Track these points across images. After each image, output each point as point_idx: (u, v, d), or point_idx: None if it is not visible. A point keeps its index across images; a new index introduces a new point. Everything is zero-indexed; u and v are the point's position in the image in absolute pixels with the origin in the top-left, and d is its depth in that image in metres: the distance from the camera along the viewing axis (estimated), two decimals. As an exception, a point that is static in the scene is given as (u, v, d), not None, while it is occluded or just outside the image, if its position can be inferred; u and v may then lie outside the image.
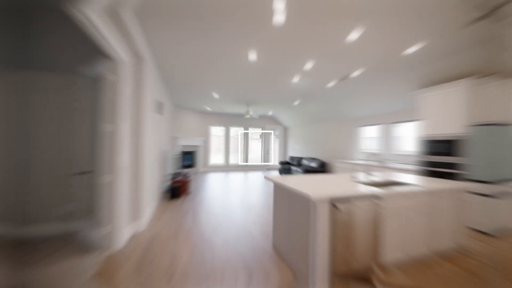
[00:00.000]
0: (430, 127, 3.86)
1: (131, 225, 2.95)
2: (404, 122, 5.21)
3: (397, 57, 3.44)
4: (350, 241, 2.03)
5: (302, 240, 2.07)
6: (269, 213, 3.93)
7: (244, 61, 3.76)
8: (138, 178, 3.05)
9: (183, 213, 3.86)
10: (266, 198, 5.00)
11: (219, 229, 3.19)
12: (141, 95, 3.07)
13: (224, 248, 2.61)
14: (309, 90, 5.56)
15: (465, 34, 2.72)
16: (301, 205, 2.09)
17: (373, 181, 2.67)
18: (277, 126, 10.84)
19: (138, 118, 3.05)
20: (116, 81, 2.54)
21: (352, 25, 2.60)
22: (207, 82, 5.14)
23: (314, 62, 3.74)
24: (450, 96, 3.58)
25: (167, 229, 3.15)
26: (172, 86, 5.57)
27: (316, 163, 7.45)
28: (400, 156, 5.35)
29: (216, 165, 9.84)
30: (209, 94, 6.22)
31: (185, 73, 4.49)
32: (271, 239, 2.87)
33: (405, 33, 2.75)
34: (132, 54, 2.91)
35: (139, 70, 3.06)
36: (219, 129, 10.22)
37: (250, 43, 3.12)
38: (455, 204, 2.52)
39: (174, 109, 8.23)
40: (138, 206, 3.05)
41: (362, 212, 2.07)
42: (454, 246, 2.50)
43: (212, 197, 5.05)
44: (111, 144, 2.53)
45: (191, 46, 3.24)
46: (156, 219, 3.52)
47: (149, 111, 3.52)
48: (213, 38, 2.99)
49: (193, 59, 3.75)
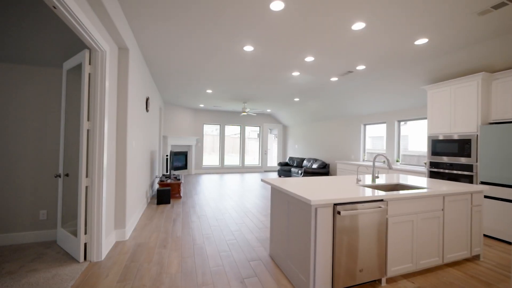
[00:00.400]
0: (440, 125, 3.68)
1: (114, 232, 2.68)
2: (413, 120, 5.01)
3: (404, 50, 3.24)
4: (354, 250, 1.82)
5: (302, 249, 1.84)
6: (266, 218, 3.69)
7: (240, 54, 3.52)
8: (123, 181, 2.78)
9: (173, 219, 3.59)
10: (263, 202, 4.76)
11: (212, 236, 2.94)
12: (125, 89, 2.80)
13: (216, 258, 2.36)
14: (310, 86, 5.35)
15: (478, 25, 2.53)
16: (301, 211, 1.86)
17: (379, 184, 2.46)
18: (276, 124, 10.53)
19: (122, 115, 2.78)
20: (96, 73, 2.27)
21: (355, 15, 2.39)
22: (200, 77, 4.88)
23: (315, 56, 3.53)
24: (461, 92, 3.41)
25: (154, 236, 2.89)
26: (162, 82, 5.29)
27: (318, 164, 7.22)
28: (409, 157, 5.18)
29: (210, 166, 9.53)
30: (202, 90, 5.96)
31: (176, 67, 4.22)
32: (268, 247, 2.63)
33: (411, 24, 2.55)
34: (115, 45, 2.64)
35: (123, 63, 2.79)
36: (213, 127, 9.93)
37: (247, 35, 2.88)
38: (470, 209, 2.32)
39: (164, 106, 7.92)
40: (122, 212, 2.77)
41: (367, 218, 1.86)
42: (469, 256, 2.31)
43: (205, 201, 4.78)
44: (92, 143, 2.26)
45: (182, 38, 2.99)
46: (143, 226, 3.24)
47: (135, 107, 3.24)
48: (205, 30, 2.75)
49: (184, 52, 3.49)
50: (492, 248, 2.70)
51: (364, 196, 1.82)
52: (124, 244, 2.66)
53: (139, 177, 3.67)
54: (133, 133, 3.15)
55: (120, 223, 2.76)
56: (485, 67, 3.22)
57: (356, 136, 6.43)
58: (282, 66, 4.02)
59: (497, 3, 2.19)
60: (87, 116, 2.24)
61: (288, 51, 3.36)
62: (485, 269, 2.22)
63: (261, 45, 3.17)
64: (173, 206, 4.32)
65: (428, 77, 3.89)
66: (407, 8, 2.27)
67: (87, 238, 2.23)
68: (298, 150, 9.34)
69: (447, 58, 3.37)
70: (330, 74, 4.41)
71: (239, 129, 10.03)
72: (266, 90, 5.83)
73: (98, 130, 2.28)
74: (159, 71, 4.44)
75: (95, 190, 2.24)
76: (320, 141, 7.98)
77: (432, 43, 2.98)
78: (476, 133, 3.21)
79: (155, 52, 3.53)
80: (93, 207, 2.24)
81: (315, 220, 1.74)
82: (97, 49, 2.24)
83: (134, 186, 3.29)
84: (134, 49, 3.09)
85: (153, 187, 5.46)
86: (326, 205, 1.75)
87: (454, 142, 3.46)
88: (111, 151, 2.58)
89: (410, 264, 2.03)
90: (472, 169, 3.23)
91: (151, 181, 5.14)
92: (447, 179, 3.50)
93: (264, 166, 10.28)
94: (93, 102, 2.27)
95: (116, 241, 2.71)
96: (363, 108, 5.89)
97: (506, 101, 3.07)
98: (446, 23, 2.53)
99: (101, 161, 2.28)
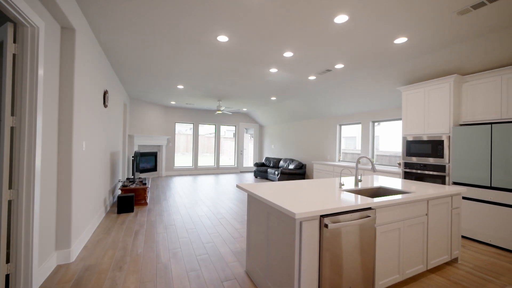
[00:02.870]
0: (414, 126, 3.71)
1: (55, 254, 2.17)
2: (387, 121, 5.07)
3: (384, 49, 3.17)
4: (342, 266, 1.61)
5: (284, 267, 1.58)
6: (242, 225, 3.40)
7: (214, 44, 3.17)
8: (67, 191, 2.27)
9: (134, 231, 3.12)
10: (239, 207, 4.45)
11: (180, 251, 2.56)
12: (71, 78, 2.29)
13: (184, 280, 2.01)
14: (288, 84, 5.16)
15: (457, 25, 2.51)
16: (283, 224, 1.60)
17: (363, 188, 2.31)
18: (252, 124, 10.24)
19: (67, 110, 2.27)
20: (25, 55, 1.77)
21: (339, 5, 2.20)
22: (170, 71, 4.41)
23: (294, 51, 3.31)
24: (434, 93, 3.45)
25: (109, 255, 2.42)
26: (125, 74, 4.70)
27: (295, 165, 7.10)
28: (381, 157, 5.25)
29: (182, 167, 8.94)
30: (173, 85, 5.45)
31: (140, 57, 3.72)
32: (244, 261, 2.34)
33: (394, 19, 2.44)
34: (56, 22, 2.13)
35: (68, 46, 2.28)
36: (187, 126, 9.34)
37: (220, 23, 2.55)
38: (450, 212, 2.28)
39: (130, 102, 7.20)
40: (66, 229, 2.27)
41: (356, 230, 1.66)
42: (449, 259, 2.26)
43: (175, 208, 4.33)
44: (17, 145, 1.75)
45: (145, 24, 2.55)
46: (97, 242, 2.74)
47: (87, 101, 2.72)
48: (173, 14, 2.36)
49: (149, 41, 3.04)
50: (466, 248, 2.74)
51: (352, 205, 1.62)
52: (68, 268, 2.16)
53: (94, 183, 3.13)
54: (84, 132, 2.64)
55: (64, 243, 2.25)
56: (457, 69, 3.29)
57: (332, 136, 6.43)
58: (259, 61, 3.75)
59: (477, 3, 2.15)
60: (10, 109, 1.73)
61: (266, 44, 3.10)
62: (465, 273, 2.19)
63: (236, 35, 2.86)
64: (136, 214, 3.81)
65: (404, 78, 3.93)
66: (388, 6, 2.15)
67: (10, 268, 1.73)
68: (275, 150, 9.19)
69: (423, 59, 3.39)
70: (308, 72, 4.26)
71: (214, 128, 9.59)
72: (242, 87, 5.52)
73: (27, 128, 1.78)
74: (120, 61, 3.89)
75: (22, 205, 1.74)
76: (296, 141, 7.91)
77: (411, 43, 2.95)
78: (449, 134, 3.27)
79: (114, 39, 3.03)
80: (19, 227, 1.74)
81: (299, 235, 1.49)
82: (25, 24, 1.74)
83: (86, 194, 2.77)
84: (85, 32, 2.58)
85: (115, 193, 4.84)
86: (312, 217, 1.51)
87: (428, 143, 3.51)
88: (49, 154, 2.07)
89: (397, 275, 1.90)
90: (445, 170, 3.28)
91: (112, 187, 4.53)
92: (421, 179, 3.54)
93: (240, 166, 9.96)
94: (19, 91, 1.76)
95: (57, 265, 2.20)
96: (340, 109, 5.89)
97: (475, 103, 3.16)
98: (427, 22, 2.47)
99: (31, 168, 1.78)
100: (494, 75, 2.97)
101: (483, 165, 2.91)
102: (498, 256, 2.53)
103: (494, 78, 2.97)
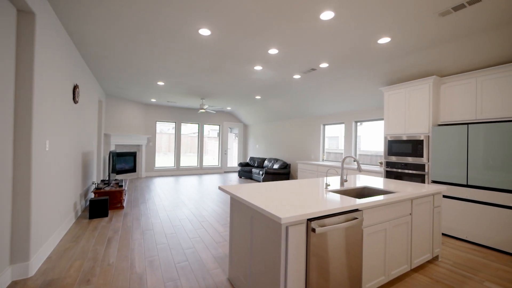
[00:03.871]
0: (396, 126, 3.78)
1: (10, 269, 1.90)
2: (370, 121, 5.15)
3: (368, 49, 3.18)
4: (329, 271, 1.54)
5: (269, 273, 1.48)
6: (225, 228, 3.26)
7: (196, 38, 3.00)
8: (25, 197, 2.01)
9: (107, 237, 2.87)
10: (222, 208, 4.30)
11: (158, 259, 2.37)
12: (30, 69, 2.03)
13: (160, 292, 1.84)
14: (272, 83, 5.08)
15: (438, 27, 2.56)
16: (268, 229, 1.50)
17: (348, 188, 2.27)
18: (236, 123, 10.07)
19: (24, 105, 2.01)
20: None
21: (322, 5, 2.14)
22: (149, 66, 4.16)
23: (279, 48, 3.23)
24: (415, 94, 3.53)
25: (76, 267, 2.18)
26: (99, 69, 4.37)
27: (279, 164, 7.06)
28: (363, 156, 5.33)
29: (164, 168, 8.58)
30: (152, 81, 5.17)
31: (116, 50, 3.45)
32: (227, 268, 2.21)
33: (379, 18, 2.43)
34: (9, 2, 1.86)
35: (26, 32, 2.01)
36: (169, 125, 8.99)
37: (202, 15, 2.39)
38: (432, 211, 2.30)
39: (106, 99, 6.76)
40: (24, 239, 2.00)
41: (343, 232, 1.60)
42: (431, 258, 2.28)
43: (154, 211, 4.09)
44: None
45: (120, 13, 2.33)
46: (63, 252, 2.47)
47: (52, 96, 2.44)
48: (150, 4, 2.17)
49: (124, 32, 2.80)
50: (444, 245, 2.81)
51: (340, 207, 1.55)
52: (24, 284, 1.90)
53: (61, 186, 2.84)
54: (48, 130, 2.36)
55: (21, 255, 1.99)
56: (437, 71, 3.39)
57: (316, 136, 6.46)
58: (244, 58, 3.63)
59: (457, 5, 2.19)
60: (-51, 102, 1.47)
61: (251, 40, 2.99)
62: (446, 270, 2.22)
63: (220, 29, 2.72)
64: (111, 219, 3.53)
65: (386, 79, 3.99)
66: (373, 5, 2.12)
67: (-51, 288, 1.47)
68: (259, 150, 9.11)
69: (404, 60, 3.45)
70: (293, 71, 4.20)
71: (197, 127, 9.31)
72: (226, 85, 5.36)
73: (-29, 125, 1.52)
74: (94, 54, 3.58)
75: (-36, 215, 1.49)
76: (281, 141, 7.88)
77: (393, 43, 2.97)
78: (428, 134, 3.36)
79: (85, 29, 2.76)
80: (-40, 241, 1.48)
81: (286, 241, 1.39)
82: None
83: (51, 199, 2.49)
84: (48, 17, 2.30)
85: (88, 196, 4.48)
86: (299, 222, 1.42)
87: (408, 143, 3.58)
88: (1, 156, 1.81)
89: (383, 277, 1.87)
90: (424, 169, 3.37)
91: (85, 190, 4.19)
92: (401, 178, 3.62)
93: (224, 166, 9.77)
94: (-39, 81, 1.50)
95: (12, 281, 1.93)
96: (324, 109, 5.92)
97: (452, 104, 3.27)
98: (409, 22, 2.49)
99: (-23, 171, 1.53)
100: (470, 78, 3.08)
101: (460, 164, 3.01)
102: (475, 252, 2.62)
103: (469, 80, 3.09)
